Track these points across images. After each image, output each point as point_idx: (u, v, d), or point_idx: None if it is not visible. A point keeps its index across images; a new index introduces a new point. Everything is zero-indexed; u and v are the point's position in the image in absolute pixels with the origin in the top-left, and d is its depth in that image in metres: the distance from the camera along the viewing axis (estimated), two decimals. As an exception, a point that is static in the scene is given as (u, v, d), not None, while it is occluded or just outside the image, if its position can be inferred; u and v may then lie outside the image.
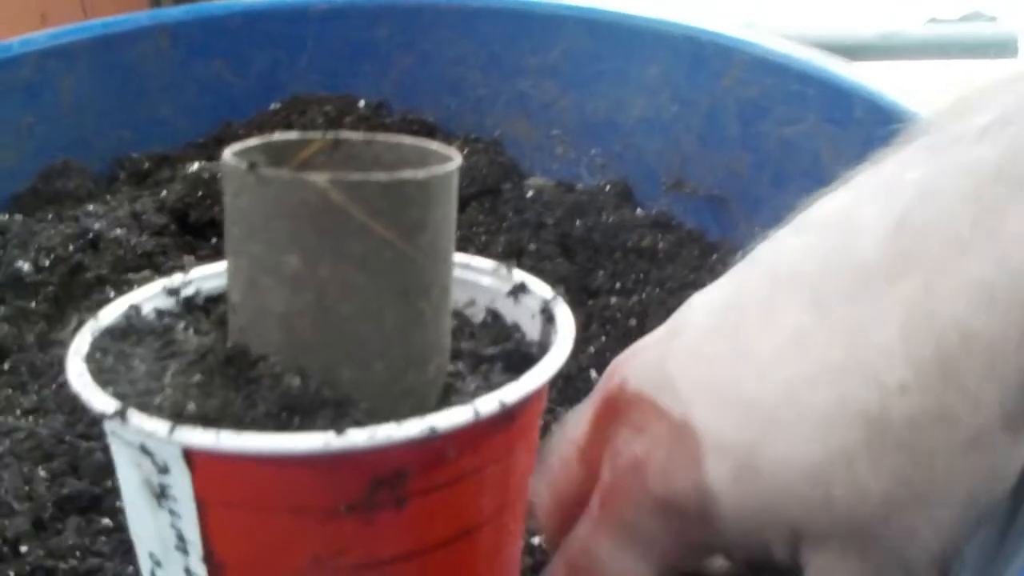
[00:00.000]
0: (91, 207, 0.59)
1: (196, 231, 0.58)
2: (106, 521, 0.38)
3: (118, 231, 0.56)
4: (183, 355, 0.26)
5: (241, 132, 0.65)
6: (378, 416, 0.23)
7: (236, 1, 0.67)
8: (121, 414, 0.22)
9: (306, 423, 0.23)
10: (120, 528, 0.38)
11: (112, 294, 0.52)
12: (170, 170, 0.63)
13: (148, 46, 0.63)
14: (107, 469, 0.39)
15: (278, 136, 0.26)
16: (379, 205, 0.23)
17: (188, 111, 0.65)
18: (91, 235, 0.55)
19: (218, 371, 0.24)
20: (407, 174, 0.23)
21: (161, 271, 0.54)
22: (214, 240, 0.57)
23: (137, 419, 0.22)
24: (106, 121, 0.64)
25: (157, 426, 0.22)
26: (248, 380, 0.24)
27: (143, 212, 0.58)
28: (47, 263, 0.53)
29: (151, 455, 0.23)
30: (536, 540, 0.38)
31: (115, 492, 0.39)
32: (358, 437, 0.21)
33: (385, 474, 0.22)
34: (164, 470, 0.23)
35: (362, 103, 0.67)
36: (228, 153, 0.24)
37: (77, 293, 0.53)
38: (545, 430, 0.44)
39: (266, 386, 0.23)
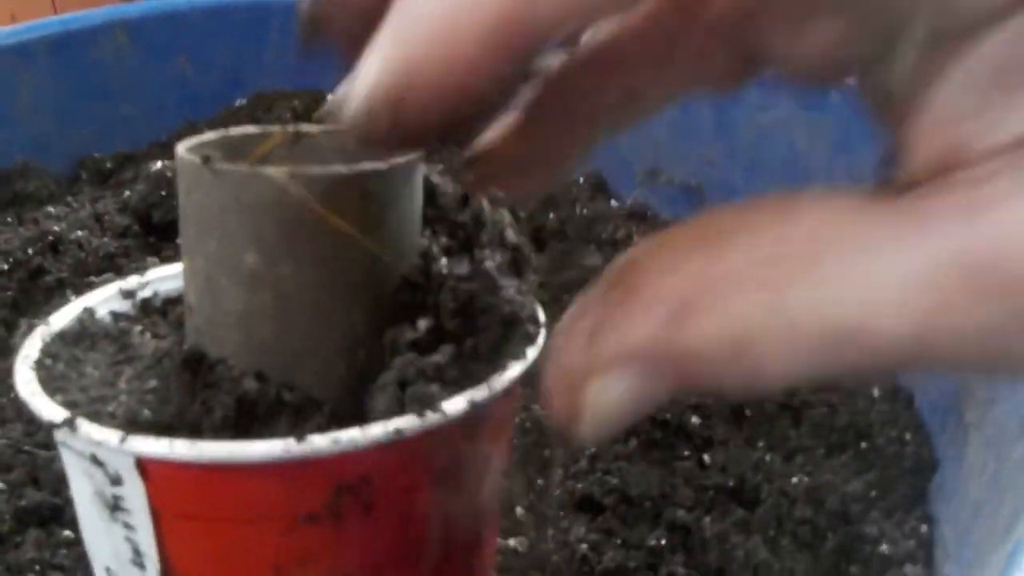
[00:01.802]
0: (51, 209, 0.57)
1: (160, 231, 0.56)
2: (67, 533, 0.37)
3: (79, 233, 0.54)
4: (139, 360, 0.25)
5: (205, 130, 0.64)
6: (343, 418, 0.22)
7: (197, -5, 0.66)
8: (70, 423, 0.21)
9: (266, 428, 0.22)
10: (81, 540, 0.36)
11: (73, 298, 0.51)
12: (133, 170, 0.62)
13: (107, 43, 0.62)
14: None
15: (236, 130, 0.25)
16: (340, 199, 0.22)
17: (151, 109, 0.64)
18: (51, 238, 0.53)
19: (174, 376, 0.23)
20: (368, 166, 0.22)
21: (124, 273, 0.53)
22: (178, 240, 0.56)
23: (87, 428, 0.21)
24: (66, 121, 0.62)
25: (108, 435, 0.21)
26: (205, 384, 0.23)
27: (105, 213, 0.56)
28: (6, 267, 0.52)
29: (103, 466, 0.22)
30: (512, 542, 0.37)
31: (78, 502, 0.38)
32: (320, 443, 0.20)
33: (349, 480, 0.21)
34: (117, 481, 0.22)
35: (329, 97, 0.66)
36: (182, 148, 0.23)
37: (37, 297, 0.51)
38: (521, 428, 0.43)
39: (224, 390, 0.22)
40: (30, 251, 0.53)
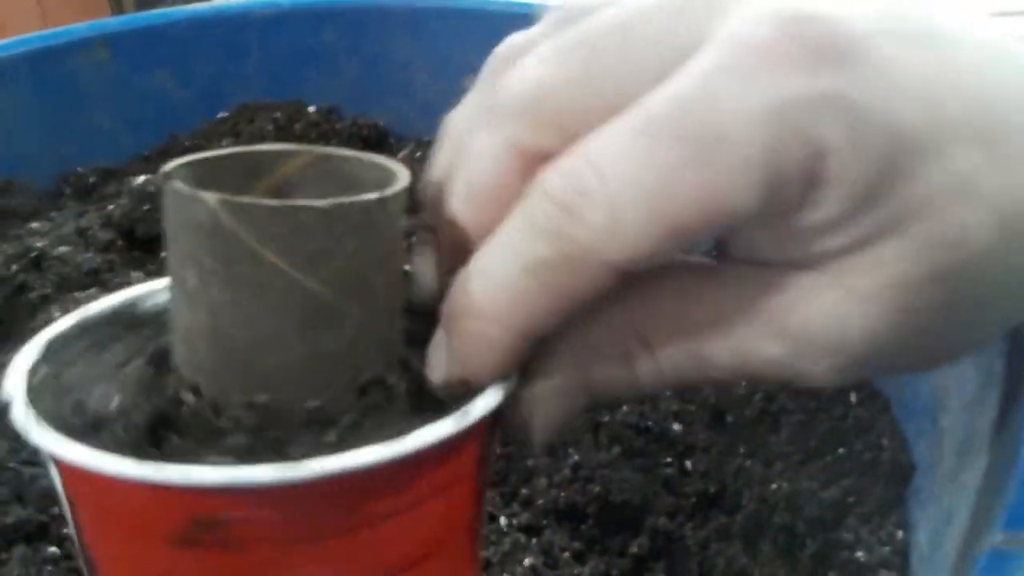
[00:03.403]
0: (35, 225, 0.57)
1: (144, 246, 0.56)
2: (53, 549, 0.37)
3: (63, 249, 0.54)
4: (119, 365, 0.25)
5: (187, 143, 0.64)
6: (257, 450, 0.22)
7: (176, 9, 0.66)
8: (5, 408, 0.22)
9: (177, 442, 0.22)
10: (68, 556, 0.37)
11: (57, 314, 0.51)
12: (116, 184, 0.62)
13: (87, 58, 0.62)
14: (53, 496, 0.38)
15: (264, 147, 0.25)
16: (270, 231, 0.21)
17: (132, 123, 0.64)
18: (34, 254, 0.53)
19: (135, 374, 0.24)
20: (303, 202, 0.21)
21: (108, 288, 0.53)
22: (162, 255, 0.56)
23: (17, 413, 0.21)
24: (48, 137, 0.62)
25: (25, 422, 0.21)
26: (156, 388, 0.24)
27: (88, 228, 0.56)
28: (-11, 285, 0.52)
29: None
30: (491, 551, 0.37)
31: (61, 519, 0.38)
32: (171, 473, 0.19)
33: (203, 516, 0.20)
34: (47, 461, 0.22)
35: (312, 109, 0.66)
36: (172, 164, 0.23)
37: (21, 314, 0.51)
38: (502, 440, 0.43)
39: (166, 396, 0.23)
40: (13, 268, 0.53)
